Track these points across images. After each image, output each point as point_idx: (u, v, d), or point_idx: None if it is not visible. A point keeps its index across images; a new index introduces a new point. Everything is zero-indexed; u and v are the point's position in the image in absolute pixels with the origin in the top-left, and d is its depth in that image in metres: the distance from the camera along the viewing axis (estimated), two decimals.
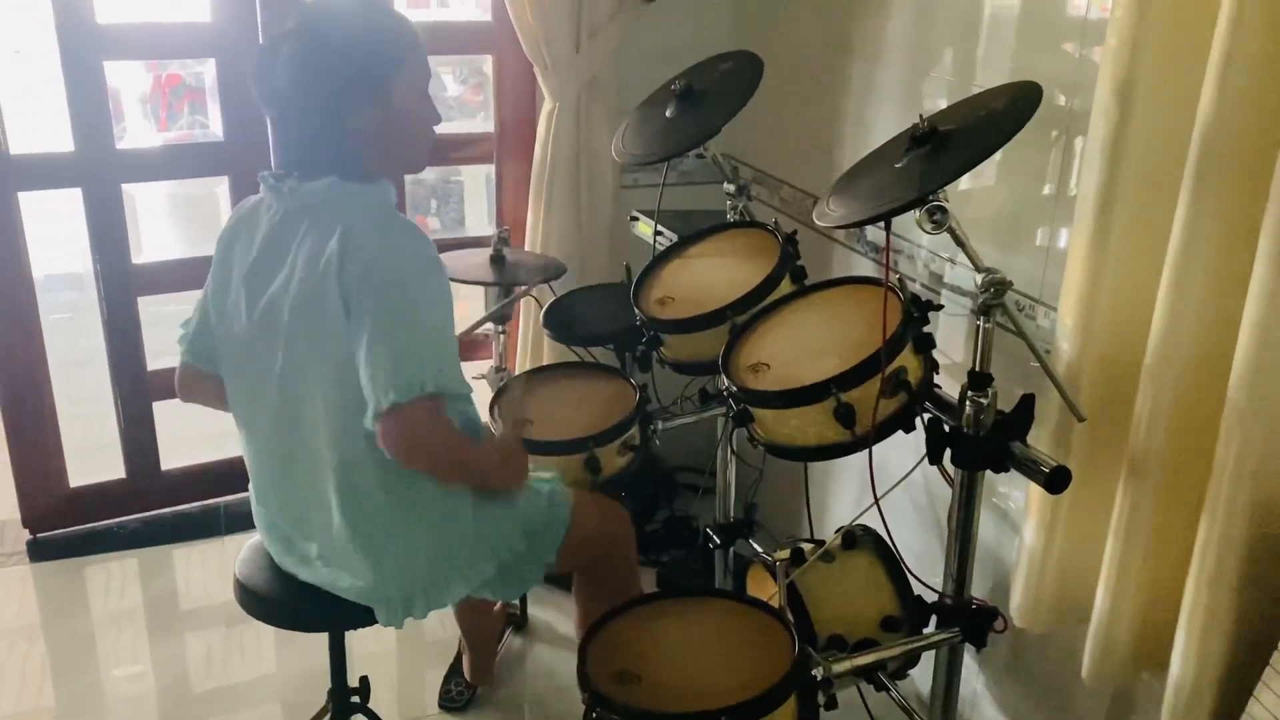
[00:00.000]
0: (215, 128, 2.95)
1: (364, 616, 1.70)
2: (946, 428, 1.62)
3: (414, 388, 1.50)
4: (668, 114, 2.12)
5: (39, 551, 2.89)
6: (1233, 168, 1.34)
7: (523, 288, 2.52)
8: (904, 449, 1.69)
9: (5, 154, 2.59)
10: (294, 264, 1.58)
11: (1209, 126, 1.34)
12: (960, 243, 1.49)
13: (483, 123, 5.24)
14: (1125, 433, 1.53)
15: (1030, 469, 1.52)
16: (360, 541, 1.65)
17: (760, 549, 2.35)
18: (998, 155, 1.96)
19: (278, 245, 1.61)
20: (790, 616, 1.71)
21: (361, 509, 1.64)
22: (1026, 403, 1.56)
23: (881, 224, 1.53)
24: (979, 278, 1.50)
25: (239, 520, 3.00)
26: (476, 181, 4.88)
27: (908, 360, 1.59)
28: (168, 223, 5.73)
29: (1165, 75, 1.44)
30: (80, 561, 2.89)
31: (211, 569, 2.90)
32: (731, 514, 2.45)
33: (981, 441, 1.57)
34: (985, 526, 2.07)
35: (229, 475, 2.97)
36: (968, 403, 1.57)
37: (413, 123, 1.65)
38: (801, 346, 1.76)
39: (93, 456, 2.98)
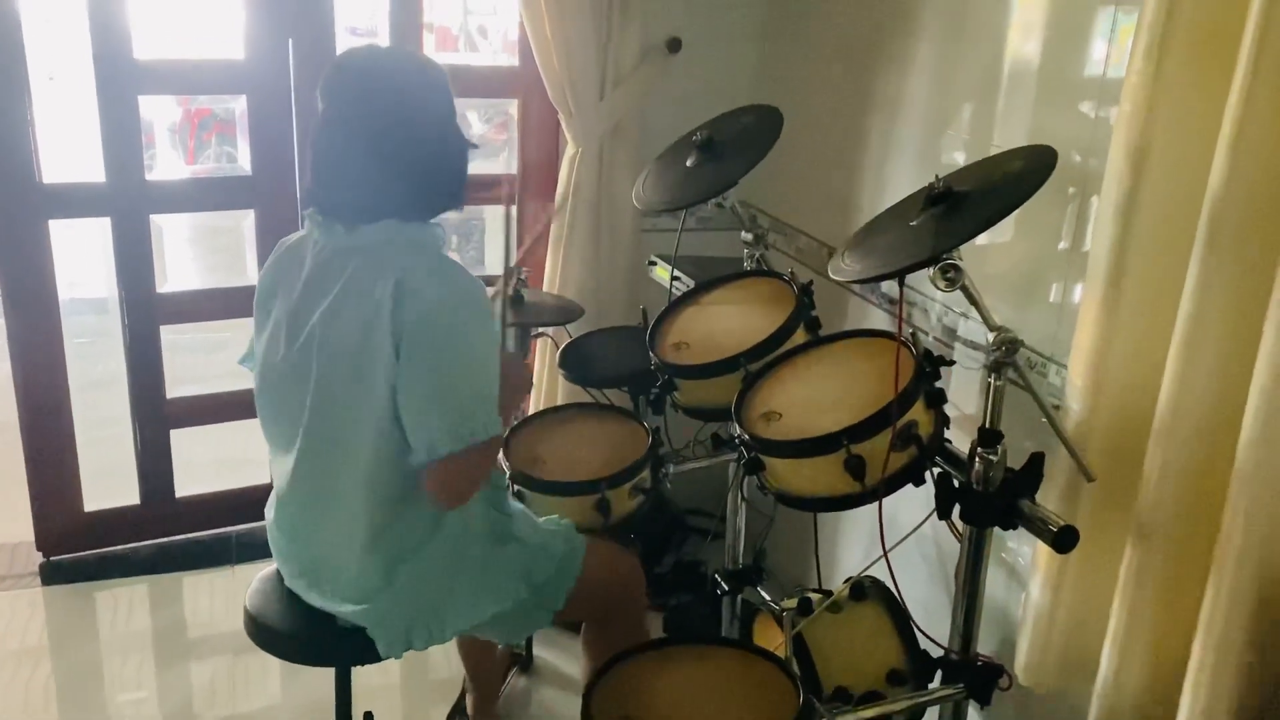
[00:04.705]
0: (243, 161, 3.00)
1: (369, 652, 1.71)
2: (956, 483, 1.63)
3: (464, 438, 1.58)
4: (688, 163, 2.16)
5: (52, 574, 2.91)
6: (1243, 234, 1.36)
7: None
8: (914, 502, 1.70)
9: (38, 183, 2.65)
10: (341, 301, 1.61)
11: (1220, 194, 1.36)
12: (973, 301, 1.51)
13: (505, 162, 5.30)
14: (1134, 494, 1.54)
15: (1038, 527, 1.53)
16: (376, 565, 1.68)
17: (768, 597, 2.34)
18: (1018, 211, 1.99)
19: (324, 281, 1.64)
20: (796, 667, 1.71)
21: (382, 534, 1.68)
22: (1036, 461, 1.57)
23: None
24: (990, 336, 1.51)
25: (251, 549, 3.02)
26: (497, 221, 4.93)
27: (919, 414, 1.60)
28: (192, 252, 5.81)
29: (1178, 141, 1.46)
30: (92, 586, 2.90)
31: (222, 598, 2.91)
32: (740, 560, 2.45)
33: (990, 498, 1.58)
34: (994, 582, 2.07)
35: (242, 504, 2.99)
36: (977, 459, 1.58)
37: (461, 160, 1.69)
38: (814, 397, 1.78)
39: (108, 481, 3.00)
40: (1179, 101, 1.45)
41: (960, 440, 1.68)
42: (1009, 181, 1.49)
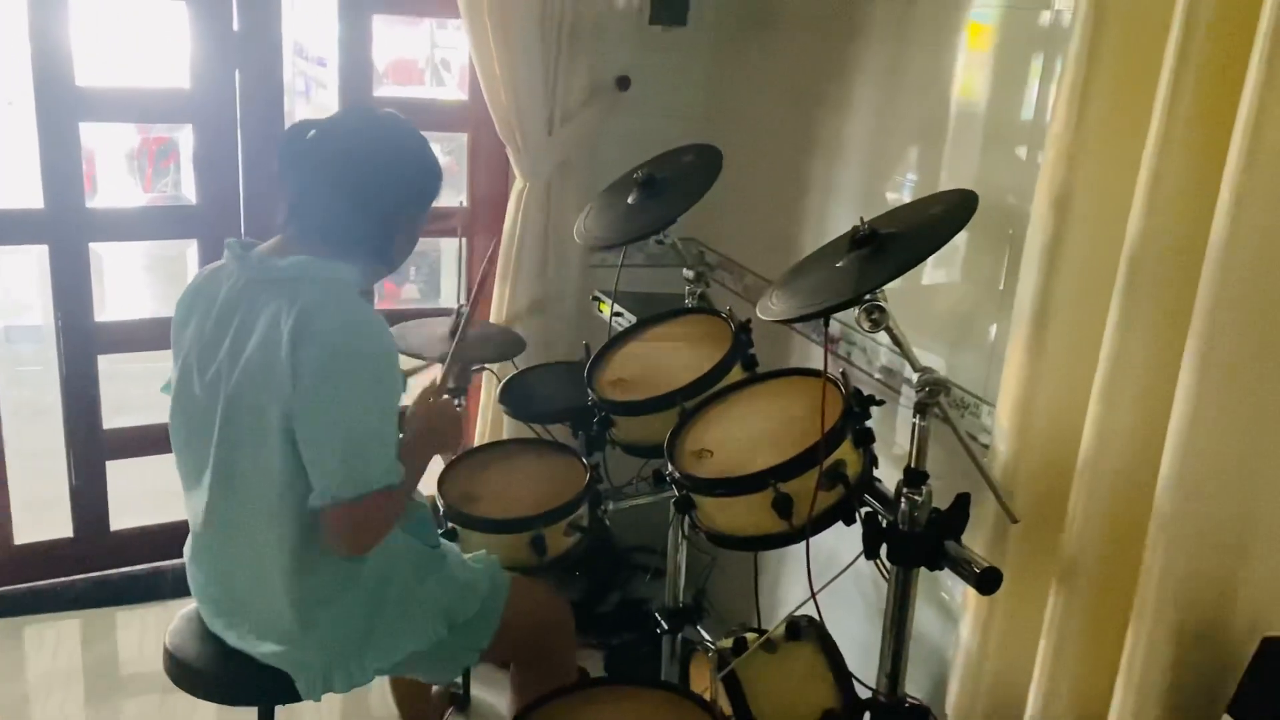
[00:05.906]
0: (187, 190, 2.97)
1: (290, 692, 1.68)
2: (883, 523, 1.63)
3: (362, 485, 1.54)
4: (629, 200, 2.16)
5: None
6: (1160, 281, 1.37)
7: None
8: (854, 540, 1.69)
9: None
10: (247, 334, 1.58)
11: (1137, 241, 1.38)
12: (898, 341, 1.52)
13: (458, 195, 5.30)
14: (1059, 536, 1.55)
15: (962, 569, 1.53)
16: (293, 609, 1.65)
17: (708, 636, 2.33)
18: (959, 252, 2.01)
19: (233, 313, 1.62)
20: (723, 712, 1.70)
21: (299, 577, 1.64)
22: (962, 502, 1.57)
23: (834, 316, 1.56)
24: (915, 376, 1.52)
25: (186, 584, 2.95)
26: (452, 251, 4.92)
27: (847, 454, 1.60)
28: (144, 277, 5.74)
29: (1099, 188, 1.48)
30: (21, 621, 2.83)
31: (154, 633, 2.84)
32: (681, 599, 2.43)
33: (916, 538, 1.58)
34: (930, 622, 2.07)
35: (179, 538, 2.88)
36: (903, 499, 1.58)
37: (415, 237, 1.75)
38: (746, 435, 1.78)
39: (40, 513, 2.94)
40: (1100, 149, 1.47)
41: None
42: (932, 224, 1.50)
